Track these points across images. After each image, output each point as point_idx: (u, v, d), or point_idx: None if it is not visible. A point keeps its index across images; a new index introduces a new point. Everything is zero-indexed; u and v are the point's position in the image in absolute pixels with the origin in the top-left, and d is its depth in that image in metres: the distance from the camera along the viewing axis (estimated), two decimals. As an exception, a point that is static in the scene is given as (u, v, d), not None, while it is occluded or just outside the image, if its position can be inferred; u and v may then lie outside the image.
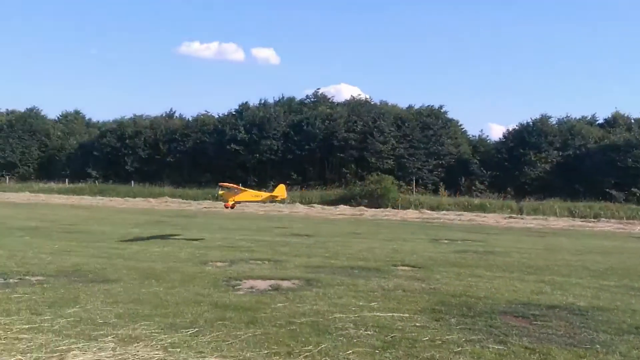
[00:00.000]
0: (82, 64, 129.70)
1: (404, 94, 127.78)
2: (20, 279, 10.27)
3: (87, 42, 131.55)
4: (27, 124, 64.64)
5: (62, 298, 8.69)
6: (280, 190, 20.08)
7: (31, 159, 63.46)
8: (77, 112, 72.09)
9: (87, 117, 72.49)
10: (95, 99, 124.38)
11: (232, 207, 19.70)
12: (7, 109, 69.94)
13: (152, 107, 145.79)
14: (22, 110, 68.37)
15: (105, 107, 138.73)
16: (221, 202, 21.16)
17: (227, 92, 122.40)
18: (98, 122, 70.72)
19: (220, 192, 19.43)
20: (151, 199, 44.05)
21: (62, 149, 63.68)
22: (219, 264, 12.88)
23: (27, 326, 7.06)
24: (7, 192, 48.82)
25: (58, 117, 70.36)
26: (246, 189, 20.53)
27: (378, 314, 8.20)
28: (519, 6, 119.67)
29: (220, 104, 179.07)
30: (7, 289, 9.25)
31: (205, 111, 61.53)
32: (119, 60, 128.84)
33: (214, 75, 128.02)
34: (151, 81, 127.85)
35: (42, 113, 68.77)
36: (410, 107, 55.82)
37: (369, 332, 7.22)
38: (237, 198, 19.27)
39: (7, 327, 7.01)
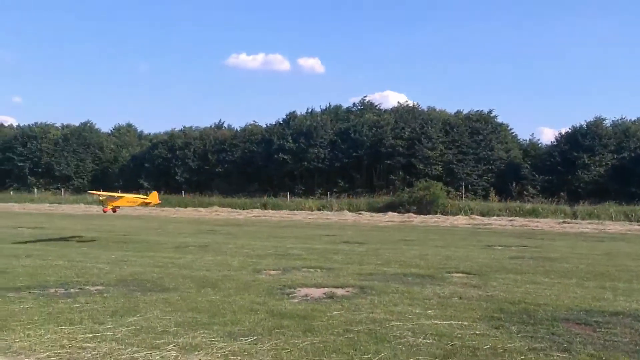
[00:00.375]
0: (133, 79, 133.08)
1: (452, 99, 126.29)
2: (80, 288, 10.51)
3: (136, 57, 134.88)
4: (81, 137, 66.58)
5: (122, 307, 8.85)
6: (153, 197, 22.70)
7: (85, 171, 65.29)
8: (129, 125, 74.02)
9: (138, 130, 74.42)
10: (147, 112, 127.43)
11: (114, 211, 22.36)
12: (62, 124, 72.27)
13: (201, 118, 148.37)
14: (77, 124, 70.57)
15: (156, 120, 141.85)
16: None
17: (274, 102, 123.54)
18: (149, 134, 72.44)
19: (102, 198, 22.47)
20: (201, 209, 44.71)
21: (115, 161, 65.35)
22: (272, 272, 12.94)
23: (90, 335, 7.21)
24: (63, 204, 50.31)
25: (111, 131, 72.36)
26: (124, 195, 23.00)
27: (436, 321, 8.08)
28: (568, 6, 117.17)
29: (267, 114, 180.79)
30: (69, 299, 9.48)
31: (253, 121, 62.35)
32: (168, 74, 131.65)
33: (261, 86, 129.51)
34: (200, 93, 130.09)
35: (96, 127, 70.84)
36: (458, 113, 55.20)
37: (428, 341, 7.11)
38: (117, 203, 21.81)
39: (71, 336, 7.17)
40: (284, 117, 58.64)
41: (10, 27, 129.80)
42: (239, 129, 62.38)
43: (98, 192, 26.42)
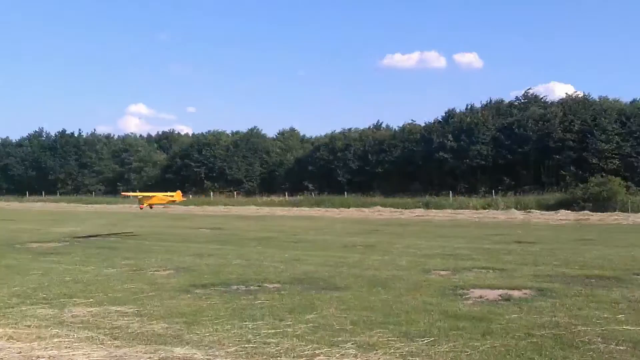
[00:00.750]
0: (293, 84, 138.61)
1: (626, 87, 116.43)
2: (259, 286, 11.05)
3: (295, 63, 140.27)
4: (249, 143, 70.55)
5: (299, 305, 9.16)
6: (178, 195, 25.87)
7: (254, 175, 69.03)
8: (292, 130, 77.12)
9: (301, 134, 77.22)
10: (308, 115, 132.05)
11: (150, 207, 25.98)
12: (232, 131, 77.17)
13: (359, 119, 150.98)
14: (245, 130, 74.91)
15: (317, 123, 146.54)
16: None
17: (431, 100, 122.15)
18: (311, 137, 74.89)
19: (139, 198, 25.68)
20: (364, 209, 45.23)
21: (281, 164, 68.35)
22: (442, 272, 12.71)
23: (272, 331, 7.52)
24: (236, 205, 53.53)
25: (276, 135, 75.88)
26: (156, 194, 26.52)
27: (628, 327, 7.42)
28: None
29: (425, 112, 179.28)
30: (250, 296, 9.99)
31: (412, 120, 62.10)
32: (326, 78, 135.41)
33: (417, 84, 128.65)
34: (357, 95, 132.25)
35: (262, 132, 74.78)
36: (635, 102, 50.69)
37: (621, 348, 6.55)
38: (150, 201, 25.09)
39: (255, 331, 7.53)
40: (443, 114, 57.73)
41: (184, 42, 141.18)
42: (397, 129, 62.52)
43: (135, 194, 31.15)
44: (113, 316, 8.30)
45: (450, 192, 48.24)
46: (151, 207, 26.35)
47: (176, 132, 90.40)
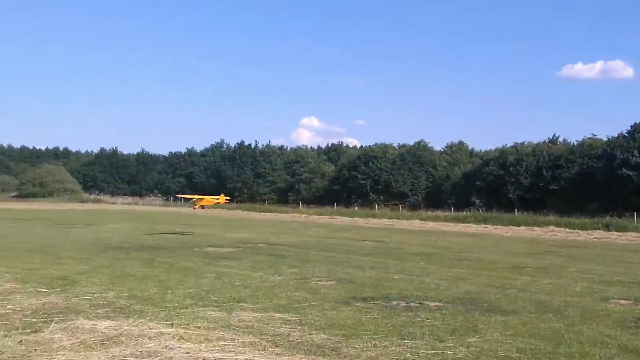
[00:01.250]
0: (465, 96, 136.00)
1: None
2: (420, 303, 10.80)
3: (468, 74, 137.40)
4: (415, 156, 70.33)
5: (461, 326, 8.80)
6: (221, 198, 29.98)
7: (420, 188, 68.60)
8: (461, 143, 75.71)
9: (470, 147, 75.51)
10: (477, 128, 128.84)
11: (202, 208, 27.59)
12: (399, 143, 77.50)
13: (533, 133, 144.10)
14: (412, 143, 74.80)
15: (487, 136, 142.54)
16: None
17: (615, 112, 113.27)
18: (480, 151, 73.01)
19: (194, 199, 28.53)
20: (536, 228, 42.74)
21: (448, 178, 67.27)
22: (622, 301, 11.56)
23: (432, 351, 7.27)
24: (400, 219, 53.37)
25: (443, 149, 74.95)
26: (205, 197, 31.95)
27: None
28: None
29: (607, 126, 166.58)
30: (410, 313, 9.80)
31: (592, 134, 58.05)
32: (499, 90, 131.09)
33: (600, 96, 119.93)
34: (532, 107, 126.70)
35: (429, 145, 74.16)
36: None
37: None
38: (202, 203, 28.52)
39: (414, 350, 7.33)
40: (628, 128, 53.09)
41: (356, 56, 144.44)
42: (575, 143, 58.78)
43: (189, 196, 38.73)
44: (276, 323, 8.57)
45: (635, 213, 44.05)
46: (203, 208, 34.27)
47: (345, 144, 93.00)
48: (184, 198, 58.46)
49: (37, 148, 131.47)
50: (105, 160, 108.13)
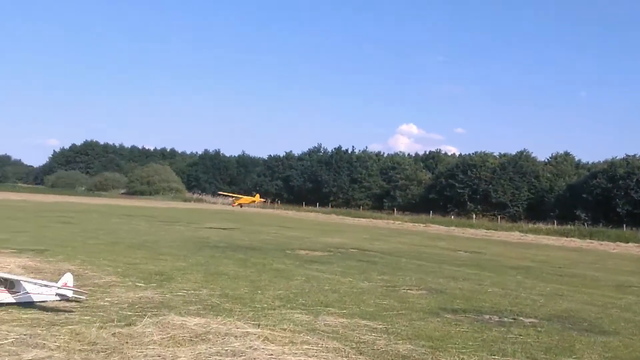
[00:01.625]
0: (572, 106, 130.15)
1: None
2: (514, 318, 10.36)
3: (577, 85, 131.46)
4: (517, 166, 67.97)
5: (557, 345, 8.34)
6: (257, 197, 37.93)
7: (520, 199, 66.20)
8: (566, 154, 72.54)
9: (576, 159, 72.17)
10: (586, 139, 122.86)
11: (240, 206, 29.29)
12: (500, 153, 75.22)
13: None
14: (513, 153, 72.41)
15: (595, 148, 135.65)
16: None
17: None
18: (587, 163, 69.63)
19: (233, 197, 33.21)
20: (646, 245, 40.11)
21: (551, 190, 64.56)
22: None
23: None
24: (499, 230, 51.67)
25: (548, 159, 72.04)
26: (242, 196, 38.61)
27: None
28: None
29: None
30: (503, 328, 9.41)
31: None
32: (609, 100, 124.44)
33: None
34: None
35: (532, 155, 71.49)
36: None
37: None
38: (240, 201, 35.15)
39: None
40: None
41: (458, 63, 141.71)
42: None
43: (229, 194, 41.08)
44: (362, 330, 8.47)
45: None
46: (241, 206, 39.07)
47: (443, 152, 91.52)
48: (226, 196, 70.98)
49: (146, 148, 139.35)
50: (208, 162, 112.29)
